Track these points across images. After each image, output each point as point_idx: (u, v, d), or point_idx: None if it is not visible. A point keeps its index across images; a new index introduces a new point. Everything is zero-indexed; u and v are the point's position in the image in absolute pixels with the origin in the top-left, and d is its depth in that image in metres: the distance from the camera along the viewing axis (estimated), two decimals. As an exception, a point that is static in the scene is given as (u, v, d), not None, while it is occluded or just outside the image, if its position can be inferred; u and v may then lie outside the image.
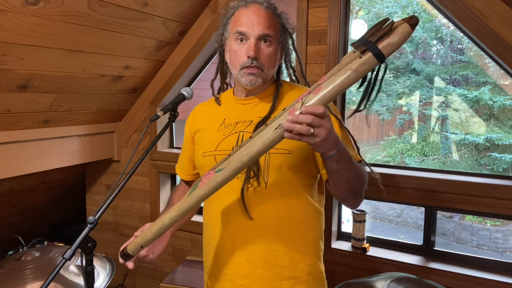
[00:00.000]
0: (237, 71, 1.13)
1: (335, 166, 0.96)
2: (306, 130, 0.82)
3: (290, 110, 0.86)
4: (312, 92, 0.85)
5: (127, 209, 2.55)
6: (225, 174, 0.91)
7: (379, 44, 0.80)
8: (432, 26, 7.27)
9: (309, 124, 0.82)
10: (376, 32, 0.81)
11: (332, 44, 1.79)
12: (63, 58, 1.75)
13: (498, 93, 6.60)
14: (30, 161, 1.97)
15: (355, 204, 1.13)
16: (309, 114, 0.81)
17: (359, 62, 0.81)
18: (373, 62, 0.81)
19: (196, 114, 1.31)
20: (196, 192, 0.95)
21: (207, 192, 0.94)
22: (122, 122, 2.53)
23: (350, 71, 0.81)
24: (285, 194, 1.10)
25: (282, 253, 1.11)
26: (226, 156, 0.95)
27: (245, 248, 1.11)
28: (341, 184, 1.01)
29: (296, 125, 0.82)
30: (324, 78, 0.86)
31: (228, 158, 0.93)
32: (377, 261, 1.79)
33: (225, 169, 0.91)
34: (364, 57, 0.81)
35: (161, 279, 2.10)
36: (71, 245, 0.94)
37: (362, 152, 8.37)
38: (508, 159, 6.36)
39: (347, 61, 0.84)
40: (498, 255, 5.77)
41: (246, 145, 0.90)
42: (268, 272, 1.10)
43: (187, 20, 2.12)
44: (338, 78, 0.82)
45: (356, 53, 0.83)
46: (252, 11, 1.11)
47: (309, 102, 0.84)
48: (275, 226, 1.10)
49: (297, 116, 0.82)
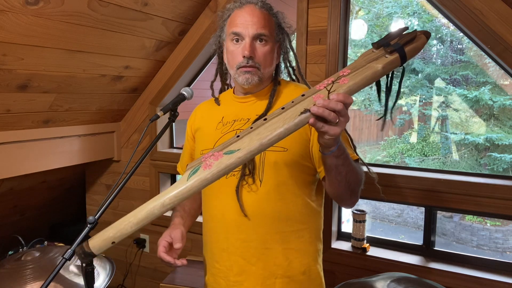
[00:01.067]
0: (234, 71, 1.15)
1: (334, 162, 0.95)
2: (334, 117, 0.81)
3: (314, 97, 0.84)
4: (337, 82, 0.85)
5: (127, 209, 2.53)
6: (238, 155, 0.83)
7: (406, 47, 0.86)
8: (432, 26, 7.27)
9: (338, 112, 0.81)
10: (402, 37, 0.87)
11: (332, 44, 1.79)
12: (63, 58, 1.75)
13: (498, 93, 6.61)
14: (30, 161, 1.97)
15: (351, 203, 1.13)
16: (339, 102, 0.81)
17: (386, 60, 0.85)
18: (398, 63, 0.87)
19: (197, 113, 1.33)
20: (200, 175, 0.84)
21: (215, 176, 0.84)
22: (122, 122, 2.53)
23: (379, 68, 0.85)
24: (280, 192, 1.10)
25: (277, 251, 1.11)
26: (232, 138, 0.88)
27: (240, 246, 1.12)
28: (339, 180, 1.01)
29: (326, 110, 0.80)
30: (346, 70, 0.87)
31: (237, 140, 0.87)
32: (377, 261, 1.79)
33: (240, 150, 0.84)
34: (391, 57, 0.86)
35: (161, 279, 2.10)
36: (71, 245, 0.94)
37: (362, 152, 8.39)
38: (508, 159, 6.36)
39: (371, 58, 0.87)
40: (498, 255, 5.77)
41: (262, 128, 0.85)
42: (262, 270, 1.11)
43: (187, 20, 2.12)
44: (366, 72, 0.85)
45: (380, 52, 0.87)
46: (247, 11, 1.13)
47: (337, 90, 0.84)
48: (270, 224, 1.10)
49: (329, 101, 0.81)
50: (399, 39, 0.87)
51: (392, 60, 0.85)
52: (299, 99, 0.87)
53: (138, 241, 2.49)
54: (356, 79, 0.84)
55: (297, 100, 0.87)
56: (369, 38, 7.55)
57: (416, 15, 7.43)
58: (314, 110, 0.81)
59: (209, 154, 0.87)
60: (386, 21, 7.70)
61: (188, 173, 0.86)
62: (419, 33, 0.88)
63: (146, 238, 2.48)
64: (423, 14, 7.29)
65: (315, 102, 0.82)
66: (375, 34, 7.69)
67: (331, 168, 0.98)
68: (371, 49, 0.90)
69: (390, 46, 0.86)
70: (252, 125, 0.87)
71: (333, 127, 0.83)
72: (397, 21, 7.40)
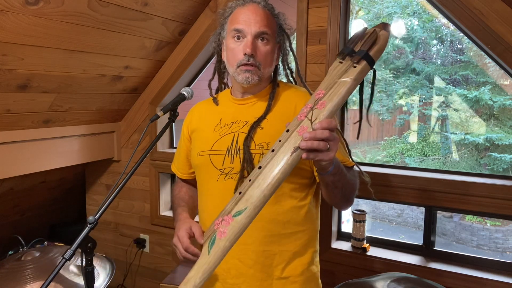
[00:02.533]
0: (233, 69, 1.13)
1: (331, 179, 0.98)
2: (324, 145, 0.82)
3: (298, 131, 0.85)
4: (315, 108, 0.85)
5: (127, 209, 2.54)
6: (249, 214, 0.86)
7: (371, 51, 0.86)
8: (432, 26, 7.27)
9: (326, 139, 0.82)
10: (365, 41, 0.87)
11: (332, 44, 1.79)
12: (63, 58, 1.75)
13: (498, 93, 6.60)
14: (30, 161, 1.97)
15: (345, 208, 1.19)
16: (325, 130, 0.82)
17: (357, 71, 0.85)
18: (368, 69, 0.87)
19: (194, 113, 1.32)
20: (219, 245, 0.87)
21: (233, 241, 0.87)
22: (122, 122, 2.53)
23: (351, 81, 0.85)
24: (278, 195, 1.10)
25: (274, 253, 1.11)
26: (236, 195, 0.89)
27: (237, 248, 1.11)
28: (335, 193, 1.05)
29: (314, 142, 0.82)
30: (321, 92, 0.87)
31: (241, 197, 0.88)
32: (377, 261, 1.79)
33: (247, 209, 0.86)
34: (360, 66, 0.86)
35: (161, 279, 2.10)
36: (71, 245, 0.94)
37: (362, 152, 8.37)
38: (508, 159, 6.35)
39: (341, 72, 0.87)
40: (498, 255, 5.77)
41: (261, 178, 0.87)
42: (259, 272, 1.11)
43: (187, 20, 2.12)
44: (340, 89, 0.85)
45: (347, 63, 0.87)
46: (250, 9, 1.12)
47: (318, 117, 0.84)
48: (267, 227, 1.10)
49: (315, 132, 0.82)
50: (362, 44, 0.87)
51: (361, 69, 0.86)
52: (285, 136, 0.87)
53: (138, 241, 2.49)
54: (333, 99, 0.85)
55: (284, 138, 0.87)
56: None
57: (416, 15, 7.43)
58: (304, 146, 0.82)
59: (219, 220, 0.89)
60: (386, 21, 7.69)
61: (207, 246, 0.89)
62: (378, 29, 0.88)
63: (146, 238, 2.48)
64: (423, 14, 7.28)
65: (302, 137, 0.83)
66: (375, 34, 7.68)
67: (328, 184, 1.01)
68: (338, 59, 0.90)
69: (356, 54, 0.86)
70: (250, 178, 0.89)
71: (326, 153, 0.84)
72: (397, 21, 7.40)
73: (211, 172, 1.15)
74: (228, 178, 1.12)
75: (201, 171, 1.20)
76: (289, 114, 1.12)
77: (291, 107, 1.15)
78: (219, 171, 1.13)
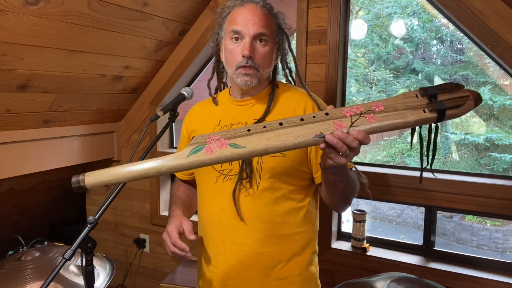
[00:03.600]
0: (232, 71, 1.12)
1: (332, 178, 0.97)
2: (345, 150, 0.81)
3: (336, 122, 0.83)
4: (364, 115, 0.83)
5: (127, 209, 2.54)
6: (241, 153, 0.84)
7: (448, 111, 0.82)
8: (432, 26, 7.27)
9: (352, 148, 0.81)
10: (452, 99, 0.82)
11: (332, 44, 1.79)
12: (63, 58, 1.75)
13: (498, 93, 6.60)
14: (30, 161, 1.97)
15: (342, 210, 1.17)
16: (356, 140, 0.80)
17: (423, 116, 0.82)
18: (432, 121, 0.83)
19: (193, 114, 1.31)
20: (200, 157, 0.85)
21: (213, 162, 0.86)
22: (122, 122, 2.53)
23: (412, 120, 0.82)
24: (277, 196, 1.10)
25: (273, 254, 1.11)
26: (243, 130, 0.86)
27: (236, 249, 1.12)
28: (335, 193, 1.04)
29: (339, 142, 0.80)
30: (380, 106, 0.84)
31: (247, 134, 0.86)
32: (377, 261, 1.79)
33: (244, 148, 0.84)
34: (429, 115, 0.82)
35: (161, 279, 2.10)
36: (71, 245, 0.94)
37: (362, 152, 8.39)
38: (508, 159, 6.35)
39: (410, 105, 0.83)
40: (498, 255, 5.77)
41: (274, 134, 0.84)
42: (258, 273, 1.11)
43: (187, 20, 2.12)
44: (396, 120, 0.82)
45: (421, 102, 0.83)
46: (248, 10, 1.11)
47: (359, 126, 0.82)
48: (266, 228, 1.10)
49: (346, 135, 0.80)
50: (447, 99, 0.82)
51: (428, 118, 0.82)
52: (321, 117, 0.84)
53: (138, 241, 2.49)
54: (384, 122, 0.82)
55: (319, 117, 0.84)
56: (369, 38, 7.55)
57: (416, 15, 7.43)
58: (329, 139, 0.80)
59: (216, 137, 0.86)
60: (386, 21, 7.69)
61: (190, 150, 0.87)
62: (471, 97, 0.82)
63: (146, 238, 2.48)
64: (423, 14, 7.28)
65: (333, 130, 0.81)
66: (375, 34, 7.69)
67: (329, 182, 1.00)
68: (416, 91, 0.86)
69: (435, 102, 0.82)
70: (266, 125, 0.85)
71: (340, 157, 0.83)
72: (397, 21, 7.40)
73: (210, 174, 1.15)
74: (227, 179, 1.12)
75: (200, 173, 1.20)
76: (288, 116, 1.11)
77: (290, 109, 1.15)
78: (218, 173, 1.13)
